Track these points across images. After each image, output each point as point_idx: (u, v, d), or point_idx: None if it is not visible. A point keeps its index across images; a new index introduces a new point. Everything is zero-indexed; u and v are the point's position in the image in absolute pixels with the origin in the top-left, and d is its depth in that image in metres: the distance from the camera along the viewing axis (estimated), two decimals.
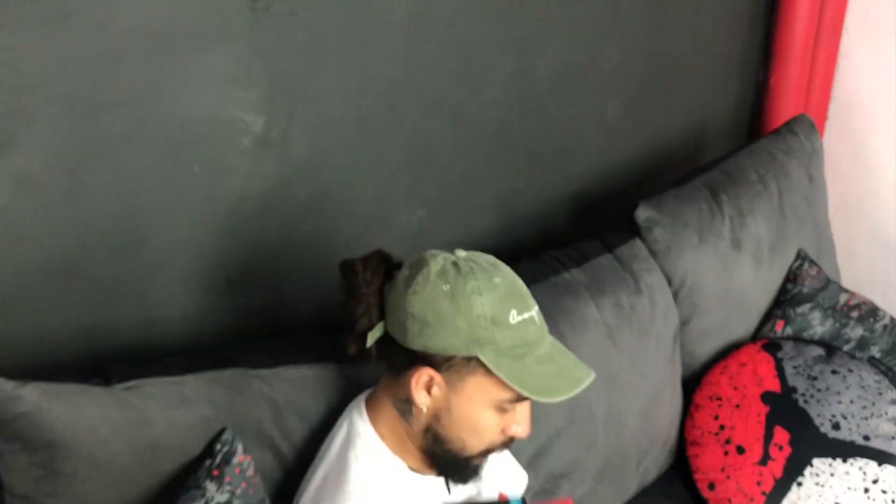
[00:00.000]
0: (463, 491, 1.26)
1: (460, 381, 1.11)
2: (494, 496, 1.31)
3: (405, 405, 1.15)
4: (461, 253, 1.14)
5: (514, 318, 1.10)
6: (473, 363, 1.10)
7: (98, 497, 1.10)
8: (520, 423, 1.16)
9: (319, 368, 1.32)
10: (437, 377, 1.11)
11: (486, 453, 1.18)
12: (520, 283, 1.15)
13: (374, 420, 1.19)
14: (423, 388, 1.12)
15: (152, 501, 1.15)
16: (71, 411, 1.07)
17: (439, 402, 1.12)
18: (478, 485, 1.27)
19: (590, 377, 1.12)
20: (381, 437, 1.18)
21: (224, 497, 1.13)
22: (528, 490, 1.45)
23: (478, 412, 1.12)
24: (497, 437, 1.16)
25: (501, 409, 1.13)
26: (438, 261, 1.12)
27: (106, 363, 1.19)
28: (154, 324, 1.37)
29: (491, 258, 1.16)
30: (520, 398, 1.12)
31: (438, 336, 1.08)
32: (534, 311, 1.13)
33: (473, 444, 1.15)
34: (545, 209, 1.97)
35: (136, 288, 1.34)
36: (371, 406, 1.21)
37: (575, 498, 1.62)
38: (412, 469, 1.19)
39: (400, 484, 1.18)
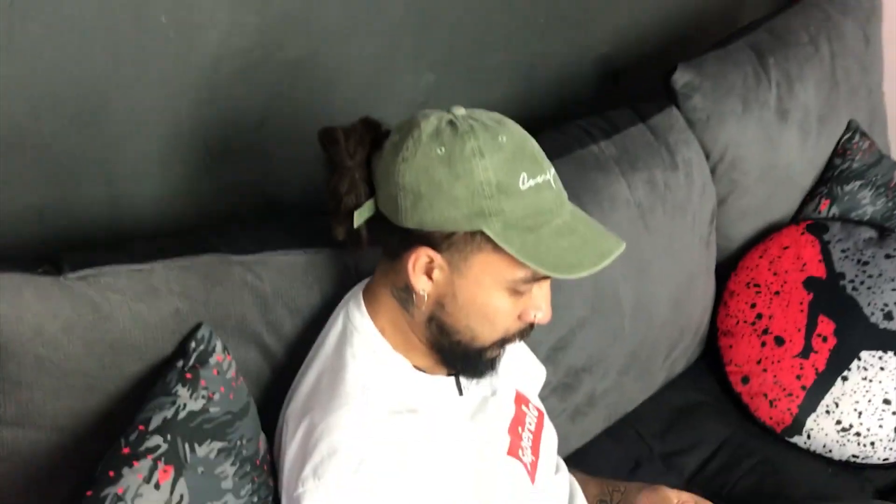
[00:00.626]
0: (476, 392, 1.17)
1: (464, 261, 1.01)
2: (511, 394, 1.23)
3: (405, 293, 1.06)
4: (459, 111, 1.03)
5: (525, 182, 0.99)
6: (478, 239, 1.00)
7: (49, 405, 1.03)
8: (538, 306, 1.07)
9: (312, 254, 1.24)
10: (438, 258, 1.02)
11: (501, 343, 1.09)
12: (531, 143, 1.04)
13: (372, 312, 1.10)
14: (422, 271, 1.03)
15: (115, 408, 1.07)
16: (13, 306, 0.99)
17: (442, 286, 1.03)
18: (493, 383, 1.18)
19: (619, 248, 1.03)
20: (382, 331, 1.10)
21: (198, 404, 1.03)
22: (546, 385, 1.39)
23: (487, 296, 1.03)
24: (512, 325, 1.07)
25: (515, 291, 1.04)
26: (432, 120, 1.01)
27: (60, 249, 1.11)
28: (119, 203, 1.29)
29: (496, 115, 1.05)
30: (536, 277, 1.03)
31: (434, 209, 0.99)
32: (549, 175, 1.03)
33: (485, 334, 1.07)
34: (569, 74, 1.89)
35: (97, 161, 1.25)
36: (369, 296, 1.12)
37: (598, 392, 1.58)
38: (418, 368, 1.11)
39: (404, 384, 1.10)
